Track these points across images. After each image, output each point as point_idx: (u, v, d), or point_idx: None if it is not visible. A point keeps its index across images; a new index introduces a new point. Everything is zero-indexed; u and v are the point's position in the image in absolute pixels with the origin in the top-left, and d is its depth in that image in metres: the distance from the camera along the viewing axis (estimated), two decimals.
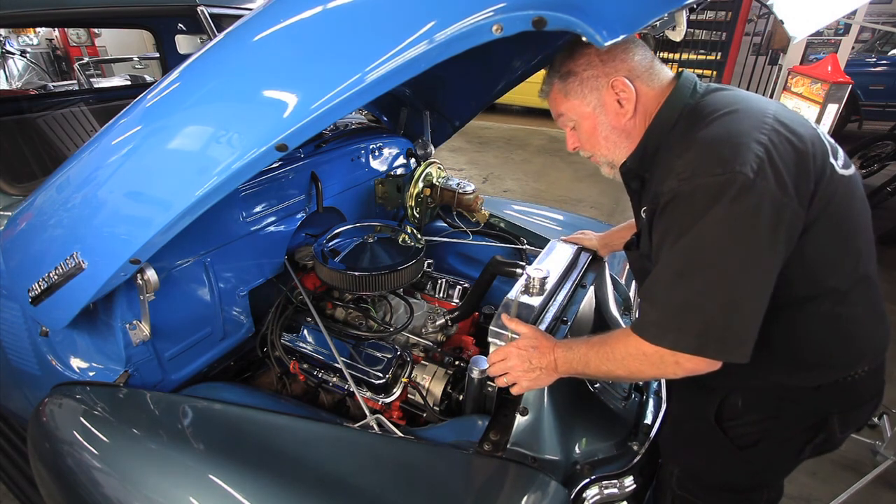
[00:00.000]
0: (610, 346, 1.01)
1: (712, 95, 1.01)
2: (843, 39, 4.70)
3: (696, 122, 0.97)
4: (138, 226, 1.06)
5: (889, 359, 1.12)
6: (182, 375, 1.46)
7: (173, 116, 1.03)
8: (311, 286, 1.75)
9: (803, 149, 0.91)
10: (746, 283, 0.87)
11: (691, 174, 0.88)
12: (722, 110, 0.95)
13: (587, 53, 1.04)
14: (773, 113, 0.94)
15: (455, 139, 2.68)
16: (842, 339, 1.02)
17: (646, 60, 1.05)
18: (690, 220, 0.87)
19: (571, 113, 1.10)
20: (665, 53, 7.58)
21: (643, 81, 1.04)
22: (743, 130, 0.89)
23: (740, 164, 0.84)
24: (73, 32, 7.50)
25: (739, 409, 1.10)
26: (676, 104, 1.02)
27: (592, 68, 1.04)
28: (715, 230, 0.86)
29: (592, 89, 1.05)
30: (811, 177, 0.91)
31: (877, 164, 5.67)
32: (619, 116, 1.05)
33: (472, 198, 2.12)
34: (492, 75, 1.94)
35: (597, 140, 1.10)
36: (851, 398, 1.08)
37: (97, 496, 1.12)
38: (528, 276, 1.34)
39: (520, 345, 1.13)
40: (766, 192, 0.84)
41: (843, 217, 0.97)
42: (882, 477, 2.20)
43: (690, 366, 0.92)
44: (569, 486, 1.12)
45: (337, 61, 0.85)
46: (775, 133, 0.90)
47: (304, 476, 1.07)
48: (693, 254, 0.88)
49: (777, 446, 1.12)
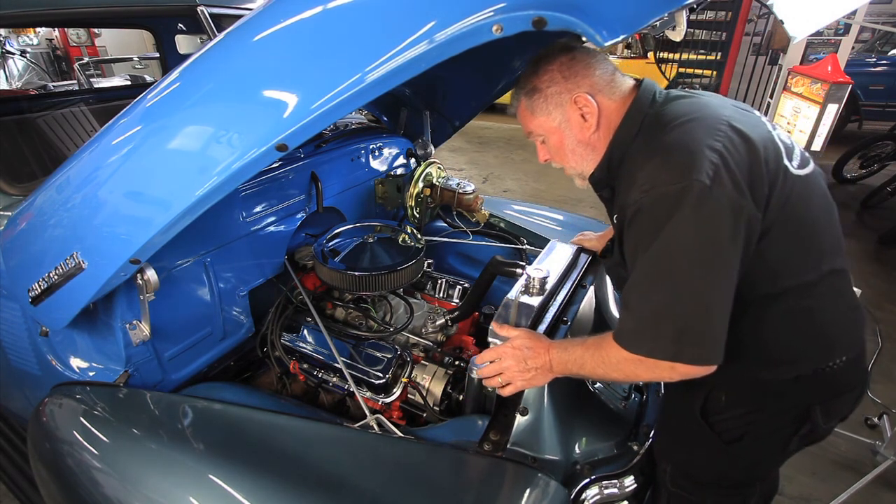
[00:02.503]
0: (605, 350, 1.02)
1: (672, 104, 1.04)
2: (843, 39, 4.70)
3: (656, 132, 1.00)
4: (138, 226, 1.06)
5: (889, 359, 1.12)
6: (182, 375, 1.46)
7: (173, 116, 1.02)
8: (311, 286, 1.75)
9: (756, 153, 0.94)
10: (713, 286, 0.90)
11: (651, 186, 0.92)
12: (679, 119, 0.98)
13: (550, 70, 1.07)
14: (728, 118, 0.97)
15: (455, 139, 2.68)
16: (811, 332, 1.05)
17: (607, 74, 1.07)
18: (655, 229, 0.91)
19: (539, 129, 1.13)
20: (665, 53, 7.58)
21: (605, 95, 1.06)
22: (697, 138, 0.93)
23: (696, 172, 0.88)
24: (73, 32, 7.50)
25: (723, 403, 1.13)
26: (637, 115, 1.04)
27: (555, 85, 1.07)
28: (678, 238, 0.89)
29: (556, 105, 1.08)
30: (765, 180, 0.94)
31: (877, 164, 5.67)
32: (584, 130, 1.08)
33: (472, 198, 2.12)
34: (492, 75, 1.94)
35: (565, 153, 1.14)
36: (831, 388, 1.10)
37: (97, 496, 1.12)
38: (528, 276, 1.34)
39: (515, 344, 1.14)
40: (724, 196, 0.88)
41: (801, 216, 1.00)
42: (882, 477, 2.20)
43: (684, 370, 0.94)
44: (569, 486, 1.12)
45: (337, 61, 0.85)
46: (728, 139, 0.93)
47: (304, 476, 1.07)
48: (660, 262, 0.91)
49: (763, 439, 1.13)
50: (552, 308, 1.37)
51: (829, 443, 2.41)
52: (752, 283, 0.96)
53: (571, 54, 1.07)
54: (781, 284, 1.01)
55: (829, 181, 5.80)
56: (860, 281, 3.79)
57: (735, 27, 7.53)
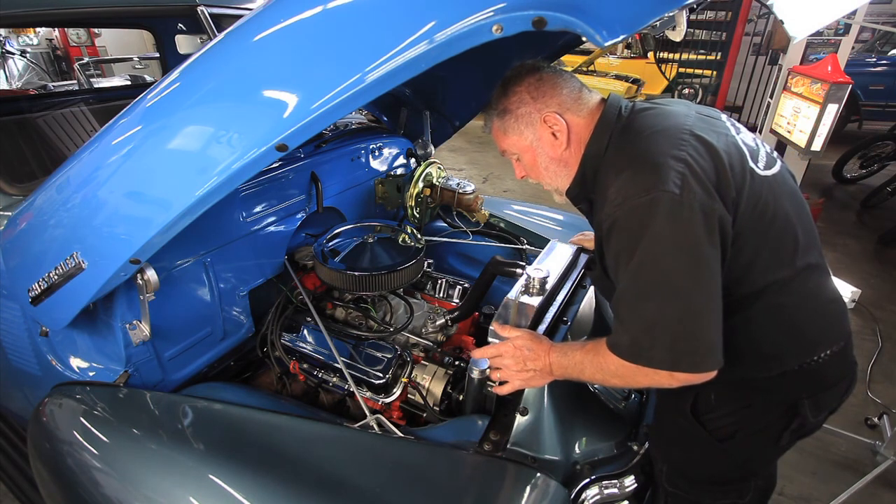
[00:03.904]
0: (602, 357, 1.02)
1: (638, 116, 1.07)
2: (843, 39, 4.70)
3: (624, 146, 1.03)
4: (138, 226, 1.06)
5: (889, 359, 1.12)
6: (182, 375, 1.46)
7: (173, 116, 1.02)
8: (311, 286, 1.75)
9: (720, 159, 0.97)
10: (698, 291, 0.91)
11: (623, 200, 0.94)
12: (645, 132, 1.01)
13: (518, 91, 1.10)
14: (690, 128, 1.00)
15: (455, 139, 2.68)
16: (793, 328, 1.07)
17: (574, 92, 1.10)
18: (632, 242, 0.93)
19: (512, 147, 1.17)
20: (665, 53, 7.59)
21: (573, 112, 1.09)
22: (662, 150, 0.95)
23: (663, 182, 0.90)
24: (73, 32, 7.49)
25: (713, 402, 1.14)
26: (605, 129, 1.07)
27: (525, 105, 1.10)
28: (656, 248, 0.91)
29: (527, 125, 1.11)
30: (731, 184, 0.96)
31: (877, 164, 5.68)
32: (555, 148, 1.11)
33: (472, 198, 2.12)
34: (492, 75, 1.93)
35: (539, 170, 1.17)
36: (818, 381, 1.11)
37: (97, 496, 1.12)
38: (528, 276, 1.34)
39: (516, 344, 1.15)
40: (695, 202, 0.90)
41: (772, 216, 1.01)
42: (882, 477, 2.21)
43: (683, 377, 0.95)
44: (569, 486, 1.12)
45: (337, 61, 0.85)
46: (692, 147, 0.96)
47: (304, 476, 1.07)
48: (643, 274, 0.93)
49: (754, 435, 1.15)
50: (552, 308, 1.37)
51: (829, 443, 2.42)
52: (730, 285, 0.98)
53: (538, 75, 1.10)
54: (759, 283, 1.02)
55: (830, 181, 5.83)
56: (860, 281, 3.79)
57: (735, 27, 7.54)
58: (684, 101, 1.14)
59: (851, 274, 3.98)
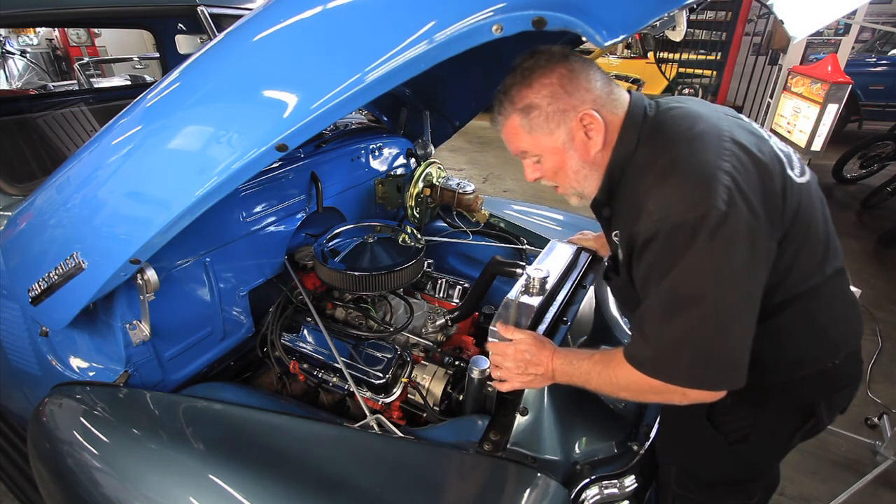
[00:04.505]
0: (612, 371, 1.01)
1: (666, 115, 1.00)
2: (843, 39, 4.70)
3: (657, 149, 0.96)
4: (138, 226, 1.06)
5: (889, 359, 1.12)
6: (182, 375, 1.46)
7: (173, 116, 1.02)
8: (311, 286, 1.75)
9: (765, 169, 0.93)
10: (734, 312, 0.89)
11: (665, 214, 0.88)
12: (681, 136, 0.95)
13: (549, 84, 0.97)
14: (730, 134, 0.94)
15: (455, 139, 2.68)
16: (818, 333, 1.06)
17: (606, 85, 1.00)
18: (672, 258, 0.88)
19: (536, 149, 1.03)
20: (665, 53, 7.58)
21: (608, 109, 1.00)
22: (707, 161, 0.89)
23: (712, 198, 0.85)
24: (73, 32, 7.49)
25: (729, 405, 1.11)
26: (633, 128, 1.00)
27: (558, 101, 0.97)
28: (697, 266, 0.87)
29: (560, 123, 0.98)
30: (777, 195, 0.93)
31: (877, 164, 5.67)
32: (589, 149, 1.01)
33: (472, 198, 2.12)
34: (492, 75, 1.94)
35: (566, 174, 1.05)
36: (834, 383, 1.11)
37: (97, 496, 1.12)
38: (528, 276, 1.34)
39: (518, 348, 1.13)
40: (740, 221, 0.86)
41: (807, 225, 0.99)
42: (882, 477, 2.20)
43: (695, 395, 0.93)
44: (569, 486, 1.12)
45: (337, 61, 0.85)
46: (736, 157, 0.90)
47: (304, 476, 1.07)
48: (679, 291, 0.89)
49: (768, 437, 1.14)
50: (552, 308, 1.36)
51: (829, 443, 2.42)
52: (765, 293, 0.94)
53: (569, 65, 0.97)
54: (793, 291, 1.00)
55: (829, 181, 5.82)
56: (860, 281, 3.79)
57: (735, 27, 7.54)
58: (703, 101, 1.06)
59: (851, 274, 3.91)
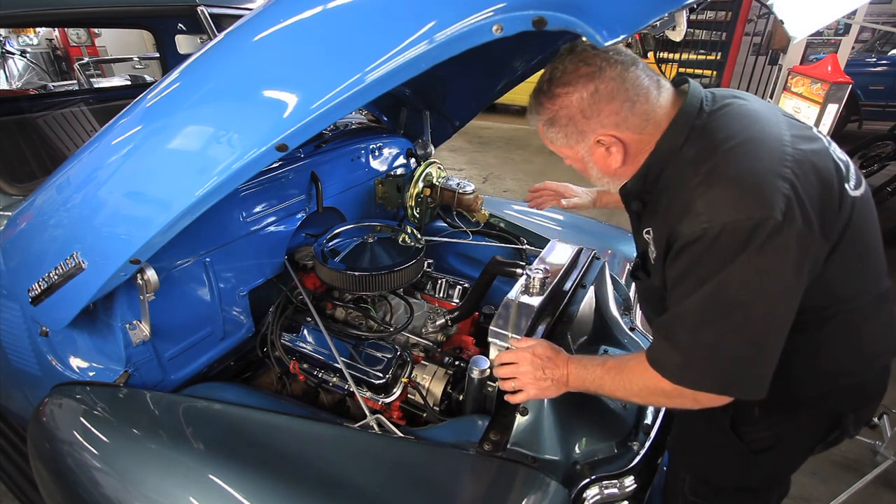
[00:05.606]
0: (626, 376, 1.01)
1: (722, 113, 0.95)
2: (843, 39, 4.70)
3: (709, 148, 0.91)
4: (138, 226, 1.06)
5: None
6: (182, 375, 1.46)
7: (173, 116, 1.03)
8: (311, 286, 1.75)
9: (826, 180, 0.89)
10: (771, 324, 0.87)
11: (714, 217, 0.84)
12: (737, 137, 0.90)
13: (567, 106, 0.95)
14: (791, 140, 0.90)
15: (455, 139, 2.68)
16: (856, 349, 1.03)
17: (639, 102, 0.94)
18: (716, 265, 0.85)
19: (560, 153, 1.07)
20: (665, 53, 7.58)
21: (634, 130, 0.95)
22: (766, 168, 0.85)
23: (769, 207, 0.81)
24: (73, 32, 7.49)
25: (756, 416, 1.10)
26: (685, 124, 0.95)
27: (574, 123, 0.96)
28: (742, 276, 0.84)
29: (579, 141, 0.99)
30: (835, 207, 0.90)
31: (877, 164, 5.67)
32: (610, 164, 1.00)
33: (472, 198, 2.12)
34: (492, 75, 1.94)
35: (590, 177, 1.09)
36: (865, 396, 1.10)
37: (97, 496, 1.12)
38: (528, 276, 1.34)
39: (536, 352, 1.12)
40: (794, 233, 0.82)
41: (860, 239, 0.96)
42: (882, 477, 2.20)
43: (707, 401, 0.93)
44: (569, 486, 1.12)
45: (337, 61, 0.85)
46: (798, 165, 0.86)
47: (304, 476, 1.07)
48: (719, 299, 0.86)
49: (792, 447, 1.12)
50: (552, 308, 1.36)
51: None
52: (809, 305, 0.92)
53: (594, 85, 0.92)
54: (838, 306, 0.98)
55: None
56: None
57: (735, 27, 7.53)
58: (759, 98, 1.02)
59: None
